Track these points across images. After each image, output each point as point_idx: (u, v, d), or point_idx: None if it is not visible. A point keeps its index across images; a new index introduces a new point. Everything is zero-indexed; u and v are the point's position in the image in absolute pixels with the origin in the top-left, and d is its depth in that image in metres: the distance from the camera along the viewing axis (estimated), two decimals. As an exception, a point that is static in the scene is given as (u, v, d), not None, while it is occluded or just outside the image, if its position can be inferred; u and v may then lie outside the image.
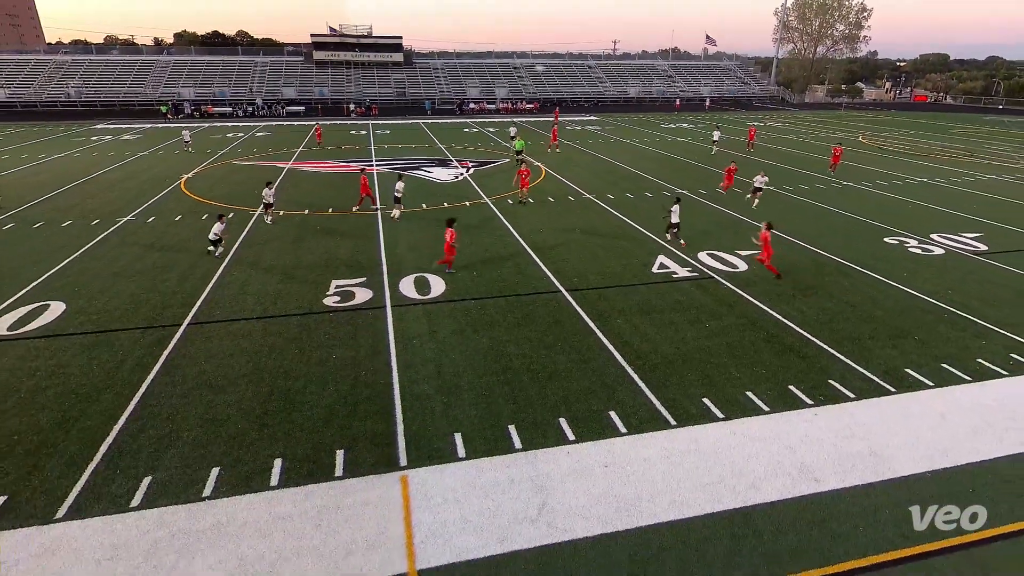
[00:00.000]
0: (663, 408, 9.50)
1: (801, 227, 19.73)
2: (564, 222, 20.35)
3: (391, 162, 32.84)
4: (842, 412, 9.44)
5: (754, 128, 38.88)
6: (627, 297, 13.93)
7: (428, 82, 75.32)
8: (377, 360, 10.99)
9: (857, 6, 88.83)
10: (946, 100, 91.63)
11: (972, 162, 34.40)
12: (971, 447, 8.59)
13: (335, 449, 8.46)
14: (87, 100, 64.01)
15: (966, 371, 10.63)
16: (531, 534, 7.01)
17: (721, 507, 7.46)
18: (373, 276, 15.21)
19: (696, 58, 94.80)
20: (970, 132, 50.73)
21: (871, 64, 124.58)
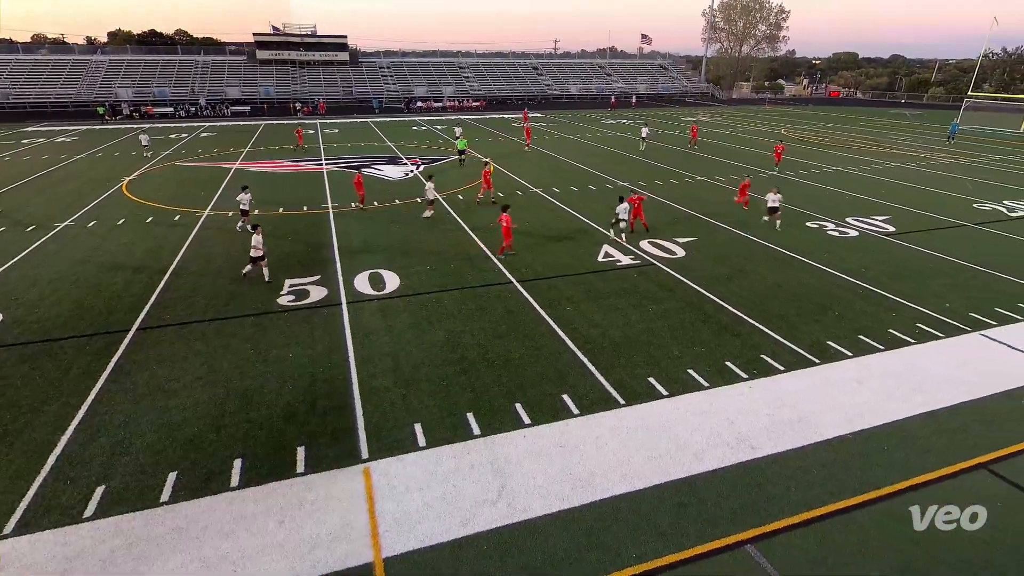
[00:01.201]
0: (612, 389, 10.05)
1: (733, 213, 20.87)
2: (513, 216, 20.70)
3: (341, 161, 32.39)
4: (773, 384, 10.26)
5: (696, 126, 40.26)
6: (575, 286, 14.49)
7: (375, 81, 74.24)
8: (334, 356, 11.07)
9: (776, 8, 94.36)
10: (856, 95, 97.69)
11: (880, 151, 37.05)
12: (884, 409, 9.53)
13: (296, 446, 8.55)
14: (15, 102, 59.59)
15: (879, 341, 11.71)
16: (492, 516, 7.36)
17: (668, 478, 8.02)
18: (327, 274, 15.18)
19: (632, 57, 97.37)
20: (877, 124, 54.43)
21: (790, 62, 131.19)
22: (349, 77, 73.34)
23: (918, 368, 10.77)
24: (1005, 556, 6.80)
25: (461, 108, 66.89)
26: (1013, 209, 22.53)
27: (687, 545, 6.92)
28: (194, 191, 24.73)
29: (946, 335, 12.03)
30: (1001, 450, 8.58)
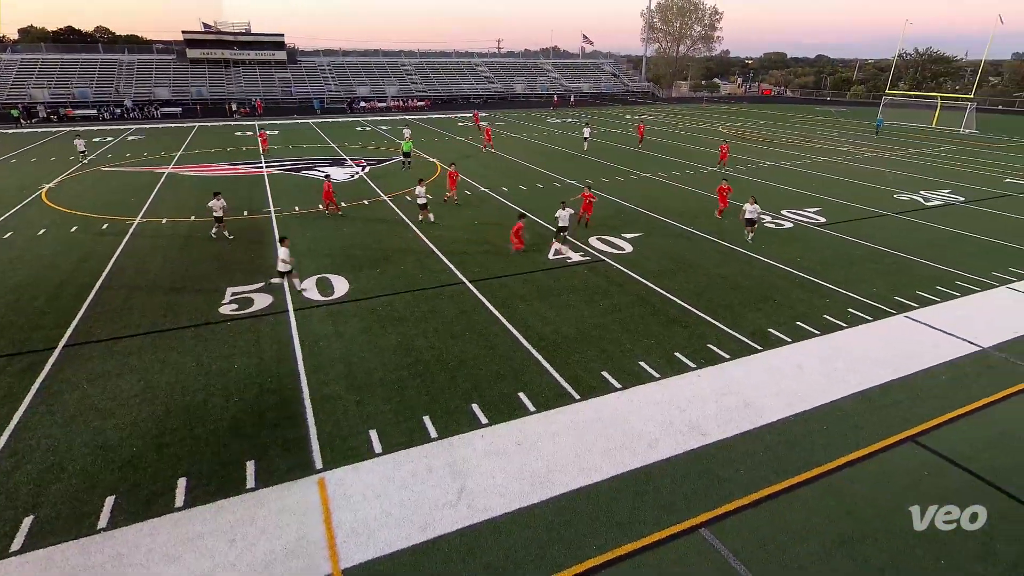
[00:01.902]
0: (567, 384, 10.17)
1: (678, 209, 21.54)
2: (463, 215, 20.69)
3: (283, 163, 31.33)
4: (720, 372, 10.65)
5: (642, 125, 41.11)
6: (527, 284, 14.58)
7: (315, 81, 72.26)
8: (283, 366, 10.71)
9: (710, 9, 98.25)
10: (786, 93, 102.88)
11: (809, 146, 39.13)
12: (822, 390, 10.07)
13: (244, 461, 8.23)
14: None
15: (815, 327, 12.36)
16: (452, 518, 7.31)
17: (624, 468, 8.20)
18: (272, 281, 14.65)
19: (575, 56, 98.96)
20: (806, 121, 57.46)
21: (725, 62, 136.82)
22: (288, 77, 71.12)
23: (851, 350, 11.44)
24: (936, 523, 7.30)
25: (406, 108, 66.05)
26: (929, 199, 24.24)
27: (645, 533, 7.09)
28: (123, 198, 23.37)
29: (874, 318, 12.82)
30: (925, 423, 9.22)
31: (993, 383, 10.38)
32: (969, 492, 7.79)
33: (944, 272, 15.61)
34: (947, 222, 20.62)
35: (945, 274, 15.46)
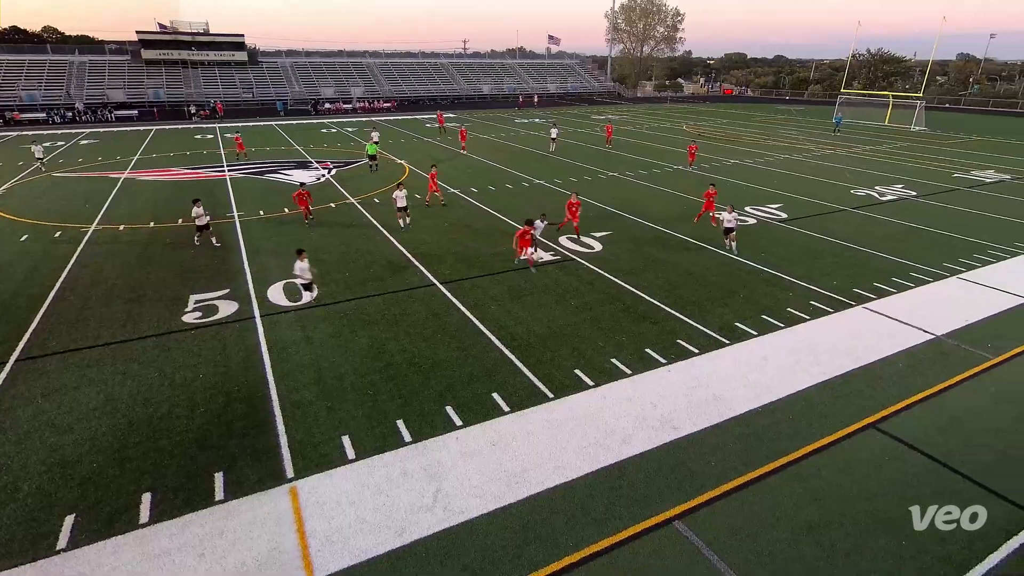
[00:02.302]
0: (540, 383, 10.22)
1: (646, 207, 21.86)
2: (432, 217, 20.57)
3: (246, 166, 30.60)
4: (690, 366, 10.85)
5: (610, 125, 41.48)
6: (499, 284, 14.59)
7: (278, 82, 70.82)
8: (251, 374, 10.47)
9: (672, 11, 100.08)
10: (747, 92, 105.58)
11: (770, 144, 40.23)
12: (788, 382, 10.36)
13: (212, 472, 8.02)
14: None
15: (780, 319, 12.71)
16: (429, 521, 7.26)
17: (599, 465, 8.27)
18: (237, 287, 14.32)
19: (541, 57, 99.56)
20: (767, 119, 59.05)
21: (687, 62, 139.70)
22: (249, 78, 69.56)
23: (814, 342, 11.79)
24: (892, 505, 7.60)
25: (372, 109, 65.32)
26: (884, 194, 25.18)
27: (620, 528, 7.17)
28: (77, 204, 22.49)
29: (835, 310, 13.24)
30: (885, 410, 9.57)
31: (947, 369, 10.84)
32: (926, 476, 8.12)
33: (899, 264, 16.23)
34: (901, 216, 21.45)
35: (900, 266, 16.08)
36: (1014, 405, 9.78)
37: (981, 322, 12.78)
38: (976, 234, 19.16)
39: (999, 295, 14.25)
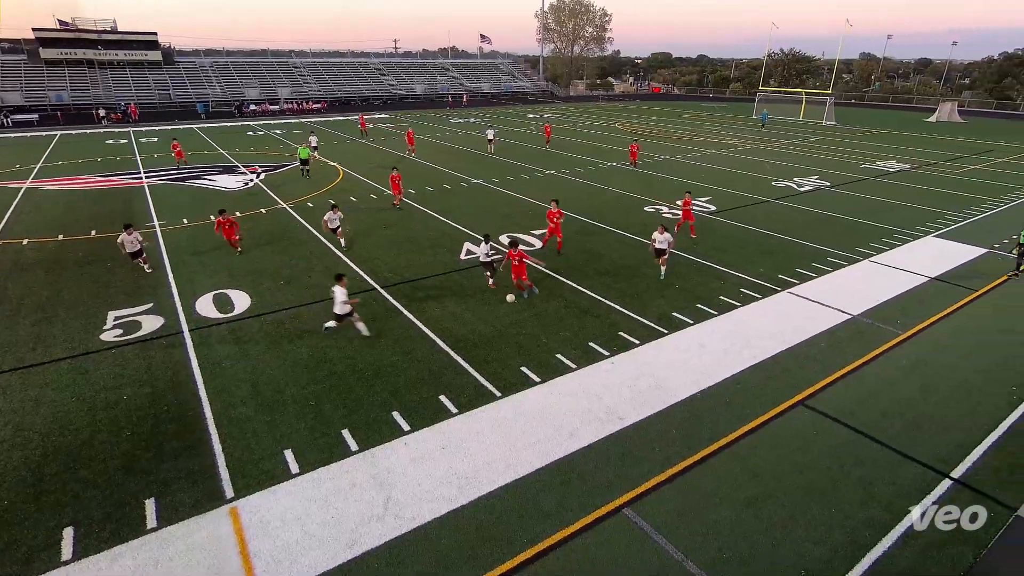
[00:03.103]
0: (488, 383, 10.22)
1: (583, 204, 22.29)
2: (370, 220, 20.13)
3: (165, 172, 28.80)
4: (632, 357, 11.16)
5: (549, 126, 41.26)
6: (441, 285, 14.47)
7: (197, 83, 67.04)
8: (181, 392, 9.89)
9: (600, 11, 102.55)
10: (674, 91, 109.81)
11: (698, 140, 42.01)
12: (723, 366, 10.85)
13: (143, 499, 7.53)
14: None
15: (713, 307, 13.29)
16: (380, 531, 7.12)
17: (549, 460, 8.37)
18: (161, 301, 13.48)
19: (474, 56, 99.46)
20: (693, 116, 61.64)
21: (617, 61, 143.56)
22: (165, 79, 65.52)
23: (745, 327, 12.41)
24: (822, 476, 8.12)
25: (301, 111, 63.09)
26: (801, 185, 26.81)
27: (572, 520, 7.29)
28: (-29, 218, 20.48)
29: (763, 296, 13.99)
30: (811, 387, 10.21)
31: (863, 346, 11.68)
32: (850, 446, 8.73)
33: (817, 250, 17.34)
34: (817, 205, 22.91)
35: (818, 252, 17.18)
36: (921, 376, 10.68)
37: (890, 301, 13.85)
38: (883, 220, 20.74)
39: (905, 275, 15.50)
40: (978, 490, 7.84)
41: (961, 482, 7.99)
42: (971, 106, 73.31)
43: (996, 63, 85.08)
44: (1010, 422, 9.33)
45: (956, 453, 8.58)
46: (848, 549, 6.91)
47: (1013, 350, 11.66)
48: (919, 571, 6.63)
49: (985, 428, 9.17)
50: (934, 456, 8.50)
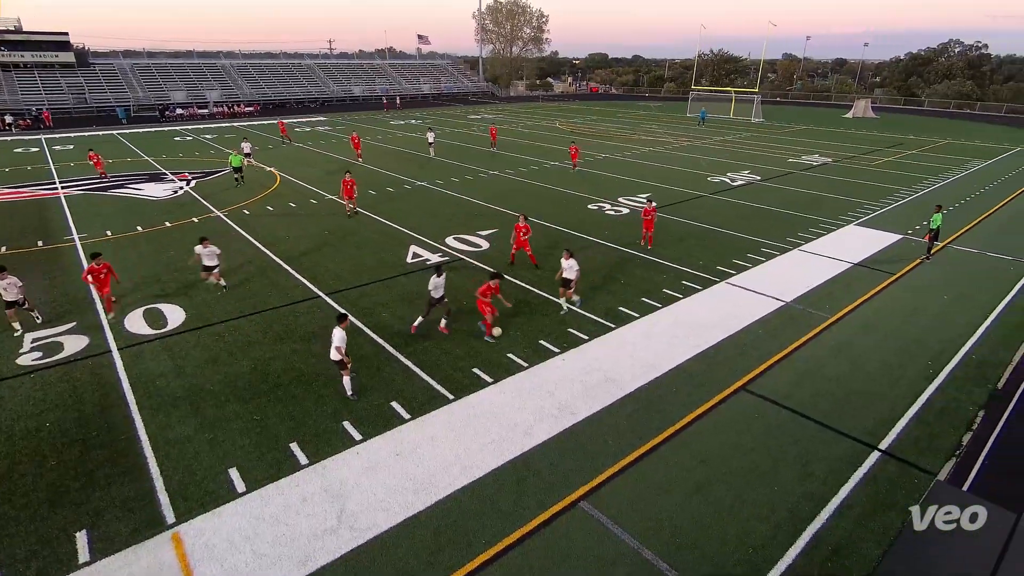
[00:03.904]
0: (439, 386, 10.14)
1: (527, 203, 22.46)
2: (311, 226, 19.57)
3: (84, 182, 26.91)
4: (582, 353, 11.35)
5: (495, 127, 40.53)
6: (388, 289, 14.25)
7: (116, 86, 63.01)
8: (111, 414, 9.29)
9: (537, 12, 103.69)
10: (612, 90, 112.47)
11: (636, 139, 43.20)
12: (669, 356, 11.20)
13: (72, 532, 7.03)
14: None
15: (657, 300, 13.70)
16: (334, 544, 6.94)
17: (504, 459, 8.39)
18: (85, 319, 12.61)
19: (412, 57, 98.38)
20: (631, 115, 63.32)
21: (555, 62, 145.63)
22: (80, 82, 61.31)
23: (688, 317, 12.85)
24: (764, 456, 8.52)
25: (233, 114, 60.48)
26: (735, 180, 28.02)
27: (530, 518, 7.34)
28: None
29: (703, 287, 14.53)
30: (751, 373, 10.70)
31: (796, 331, 12.34)
32: (788, 426, 9.20)
33: (752, 241, 18.18)
34: (749, 198, 24.02)
35: (753, 243, 18.01)
36: (848, 356, 11.39)
37: (819, 287, 14.70)
38: (810, 211, 21.97)
39: (831, 262, 16.48)
40: (903, 459, 8.44)
41: (888, 453, 8.58)
42: (882, 103, 78.73)
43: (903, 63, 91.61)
44: (927, 395, 10.10)
45: (882, 426, 9.21)
46: (790, 524, 7.29)
47: (926, 328, 12.62)
48: (854, 538, 7.07)
49: (906, 402, 9.88)
50: (863, 430, 9.09)
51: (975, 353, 11.56)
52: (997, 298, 14.25)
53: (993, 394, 10.18)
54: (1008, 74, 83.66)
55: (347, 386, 9.71)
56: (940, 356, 11.39)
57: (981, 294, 14.48)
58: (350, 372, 9.68)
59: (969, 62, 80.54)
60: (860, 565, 6.72)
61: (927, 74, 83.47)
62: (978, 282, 15.31)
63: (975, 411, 9.66)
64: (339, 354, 9.36)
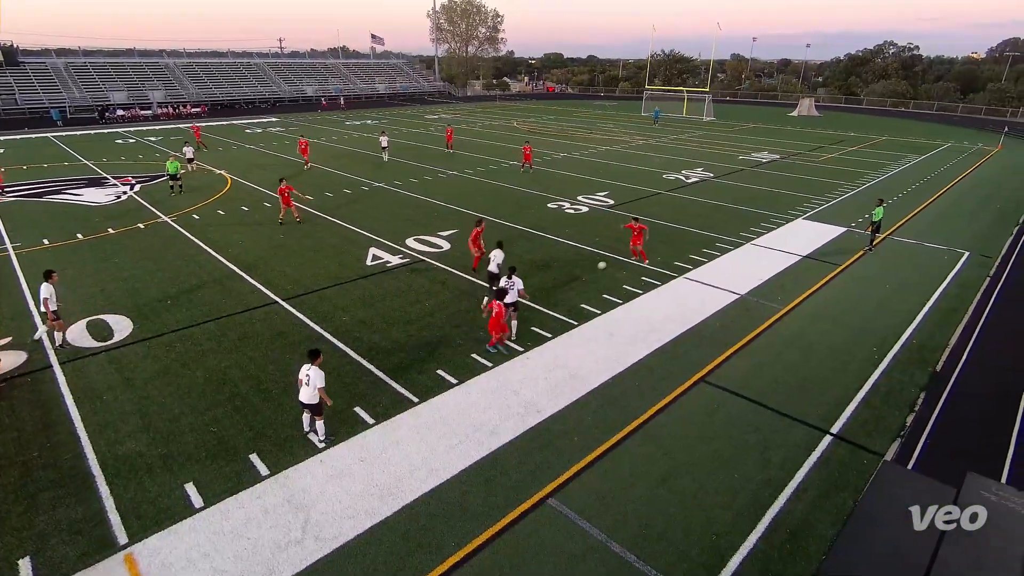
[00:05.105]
0: (403, 390, 10.02)
1: (487, 203, 22.46)
2: (265, 230, 19.01)
3: (17, 187, 25.33)
4: (546, 350, 11.42)
5: (451, 128, 39.24)
6: (348, 293, 13.98)
7: (50, 86, 59.56)
8: (54, 433, 8.79)
9: (492, 12, 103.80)
10: (567, 90, 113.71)
11: (593, 138, 43.79)
12: (631, 352, 11.39)
13: (15, 559, 6.63)
14: None
15: (618, 297, 13.92)
16: (299, 556, 6.77)
17: (471, 460, 8.36)
18: (22, 333, 11.88)
19: (366, 56, 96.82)
20: (587, 114, 64.17)
21: (511, 62, 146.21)
22: (9, 82, 57.76)
23: (648, 313, 13.11)
24: (726, 445, 8.77)
25: (178, 116, 58.12)
26: (689, 177, 28.74)
27: (499, 517, 7.34)
28: None
29: (662, 283, 14.85)
30: (710, 364, 10.99)
31: (751, 323, 12.76)
32: (747, 415, 9.51)
33: (707, 237, 18.68)
34: (704, 195, 24.68)
35: (707, 239, 18.51)
36: (799, 344, 11.85)
37: (771, 279, 15.24)
38: (761, 206, 22.75)
39: (781, 255, 17.11)
40: (852, 442, 8.84)
41: (839, 436, 8.97)
42: (825, 101, 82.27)
43: (843, 63, 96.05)
44: (873, 379, 10.61)
45: (833, 411, 9.62)
46: (751, 509, 7.53)
47: (871, 316, 13.26)
48: (811, 519, 7.36)
49: (855, 387, 10.36)
50: (816, 416, 9.48)
51: (915, 338, 12.21)
52: (934, 285, 15.10)
53: (933, 376, 10.78)
54: (938, 74, 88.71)
55: (320, 430, 8.70)
56: (884, 342, 11.99)
57: (919, 282, 15.31)
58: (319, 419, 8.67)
59: (903, 63, 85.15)
60: (816, 546, 7.00)
61: (865, 74, 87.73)
62: (916, 271, 16.19)
63: (917, 393, 10.21)
64: (322, 395, 8.39)
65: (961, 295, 14.58)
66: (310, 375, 8.37)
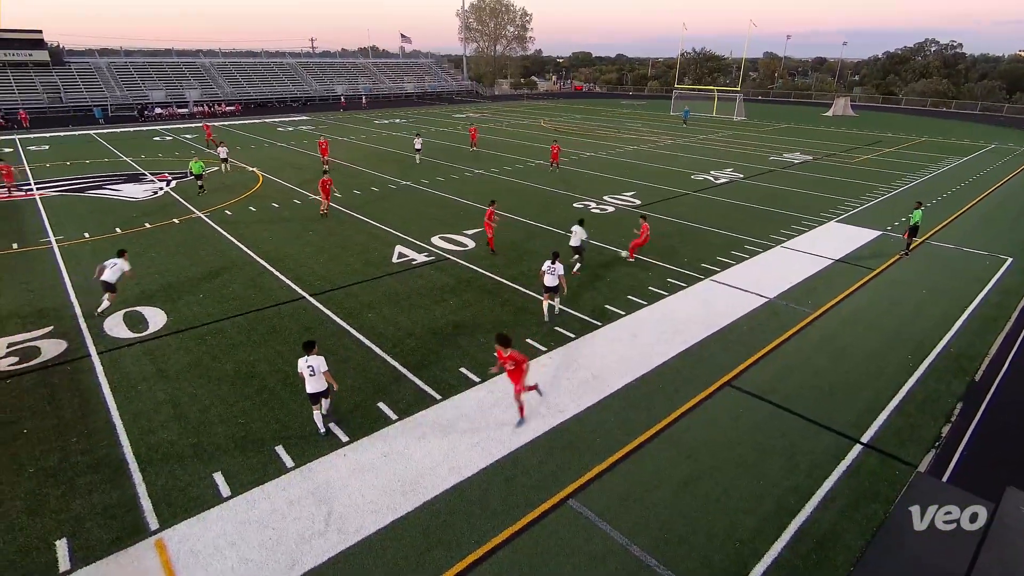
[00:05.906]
0: (427, 387, 10.10)
1: (514, 202, 22.46)
2: (294, 226, 19.37)
3: (60, 183, 26.36)
4: (569, 350, 11.37)
5: (474, 128, 39.26)
6: (374, 290, 14.15)
7: (93, 85, 61.76)
8: (92, 420, 9.11)
9: (520, 11, 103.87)
10: (595, 89, 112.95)
11: (620, 137, 43.41)
12: (656, 353, 11.27)
13: (52, 540, 6.89)
14: None
15: (643, 298, 13.78)
16: (323, 547, 6.88)
17: (492, 459, 8.38)
18: (63, 322, 12.36)
19: (395, 56, 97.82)
20: (615, 113, 63.64)
21: (539, 61, 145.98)
22: (55, 81, 60.05)
23: (673, 315, 12.94)
24: (750, 450, 8.61)
25: (213, 114, 59.64)
26: (718, 177, 28.28)
27: (519, 517, 7.34)
28: None
29: (688, 284, 14.64)
30: (736, 368, 10.80)
31: (780, 327, 12.49)
32: (773, 420, 9.31)
33: (735, 239, 18.35)
34: (732, 196, 24.25)
35: (736, 240, 18.19)
36: (830, 349, 11.55)
37: (801, 283, 14.89)
38: (791, 208, 22.25)
39: (812, 259, 16.70)
40: (884, 451, 8.59)
41: (870, 446, 8.72)
42: (861, 101, 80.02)
43: (881, 61, 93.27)
44: (908, 387, 10.29)
45: (864, 419, 9.36)
46: (776, 516, 7.37)
47: (906, 322, 12.85)
48: (838, 529, 7.18)
49: (888, 394, 10.05)
50: (846, 423, 9.23)
51: (953, 346, 11.80)
52: (973, 292, 14.56)
53: (971, 385, 10.40)
54: (982, 72, 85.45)
55: (325, 406, 8.86)
56: (920, 349, 11.61)
57: (959, 288, 14.79)
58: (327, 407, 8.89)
59: (945, 61, 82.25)
60: (843, 556, 6.82)
61: (904, 72, 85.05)
62: (956, 276, 15.63)
63: (954, 402, 9.86)
64: (328, 379, 8.53)
65: (1003, 302, 14.03)
66: (313, 365, 8.48)
